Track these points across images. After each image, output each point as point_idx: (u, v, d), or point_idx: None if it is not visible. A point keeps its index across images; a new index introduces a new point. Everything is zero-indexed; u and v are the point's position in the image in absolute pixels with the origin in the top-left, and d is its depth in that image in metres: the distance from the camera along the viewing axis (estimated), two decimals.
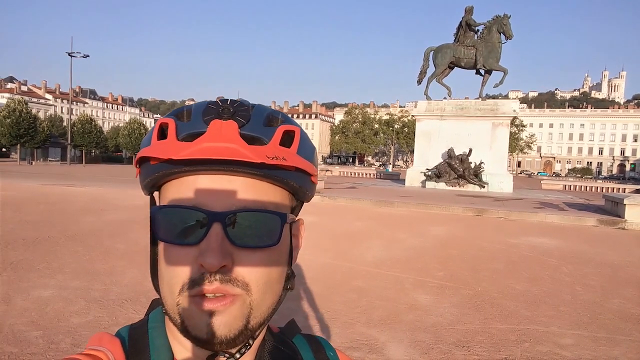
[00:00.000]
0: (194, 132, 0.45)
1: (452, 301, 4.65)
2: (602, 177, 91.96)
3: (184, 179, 0.46)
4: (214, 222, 0.44)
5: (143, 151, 0.47)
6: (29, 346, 3.15)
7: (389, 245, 7.56)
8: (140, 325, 0.54)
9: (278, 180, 0.47)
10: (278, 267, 0.49)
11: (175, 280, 0.45)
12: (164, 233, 0.46)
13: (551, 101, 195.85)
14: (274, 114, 0.50)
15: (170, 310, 0.47)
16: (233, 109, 0.47)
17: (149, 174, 0.47)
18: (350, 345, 3.44)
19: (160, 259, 0.48)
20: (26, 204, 10.96)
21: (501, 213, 12.48)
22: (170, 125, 0.46)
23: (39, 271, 5.01)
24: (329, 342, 0.64)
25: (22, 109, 41.74)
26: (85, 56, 45.75)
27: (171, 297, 0.46)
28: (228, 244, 0.44)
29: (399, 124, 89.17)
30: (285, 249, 0.50)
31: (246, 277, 0.45)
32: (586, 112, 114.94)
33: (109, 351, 0.49)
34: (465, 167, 21.68)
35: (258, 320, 0.47)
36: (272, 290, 0.48)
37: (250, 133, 0.46)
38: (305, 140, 0.50)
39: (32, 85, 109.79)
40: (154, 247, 0.50)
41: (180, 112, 0.49)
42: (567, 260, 6.89)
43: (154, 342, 0.51)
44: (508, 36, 22.90)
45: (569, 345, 3.61)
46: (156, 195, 0.51)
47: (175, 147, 0.44)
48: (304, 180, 0.49)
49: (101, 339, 0.51)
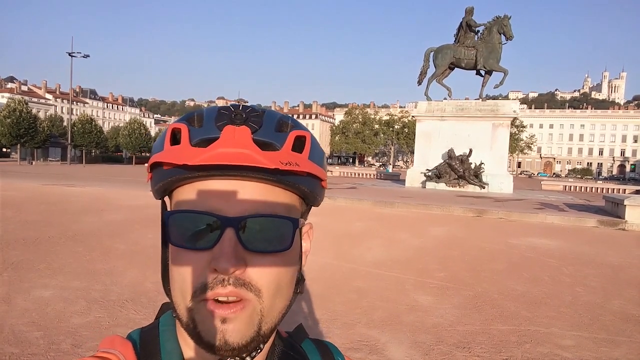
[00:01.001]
0: (207, 138, 0.45)
1: (453, 302, 4.65)
2: (602, 178, 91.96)
3: (196, 183, 0.46)
4: (227, 227, 0.44)
5: (156, 156, 0.47)
6: (30, 347, 3.14)
7: (389, 246, 7.56)
8: (151, 328, 0.54)
9: (290, 185, 0.47)
10: (289, 272, 0.49)
11: (187, 284, 0.45)
12: (176, 237, 0.46)
13: (551, 102, 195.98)
14: (284, 119, 0.50)
15: (182, 315, 0.47)
16: (245, 115, 0.47)
17: (162, 178, 0.47)
18: (350, 346, 3.44)
19: (172, 263, 0.48)
20: (27, 204, 10.96)
21: (501, 214, 12.47)
22: (183, 131, 0.47)
23: (40, 271, 5.01)
24: (337, 347, 0.64)
25: (22, 109, 41.75)
26: (86, 56, 45.81)
27: (183, 302, 0.46)
28: (241, 249, 0.44)
29: (399, 124, 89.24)
30: (297, 253, 0.51)
31: (259, 282, 0.45)
32: (586, 112, 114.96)
33: (121, 354, 0.49)
34: (465, 168, 21.67)
35: (270, 326, 0.47)
36: (283, 295, 0.49)
37: (263, 139, 0.46)
38: (315, 146, 0.50)
39: (32, 85, 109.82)
40: (165, 252, 0.50)
41: (192, 117, 0.49)
42: (568, 261, 6.88)
43: (165, 346, 0.51)
44: (508, 37, 22.89)
45: (570, 347, 3.60)
46: (166, 200, 0.51)
47: (190, 153, 0.44)
48: (314, 185, 0.50)
49: (113, 341, 0.51)
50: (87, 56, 45.86)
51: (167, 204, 0.51)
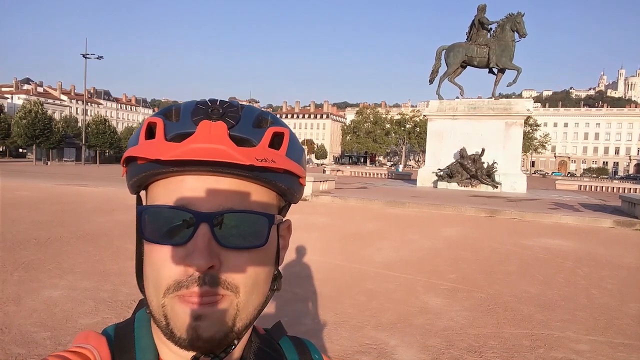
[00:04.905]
0: (182, 133, 0.45)
1: (464, 304, 4.56)
2: (618, 177, 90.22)
3: (171, 179, 0.46)
4: (201, 222, 0.44)
5: (130, 150, 0.46)
6: (37, 347, 3.15)
7: (399, 247, 7.48)
8: (126, 324, 0.54)
9: (266, 182, 0.47)
10: (265, 268, 0.49)
11: (160, 281, 0.45)
12: (150, 233, 0.45)
13: (566, 100, 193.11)
14: (263, 115, 0.49)
15: (155, 311, 0.46)
16: (222, 110, 0.47)
17: (136, 173, 0.47)
18: (359, 349, 3.38)
19: (145, 259, 0.48)
20: (40, 204, 11.09)
21: (515, 214, 12.29)
22: (158, 125, 0.46)
23: (49, 271, 5.04)
24: (314, 344, 0.64)
25: (37, 110, 42.37)
26: (100, 58, 46.28)
27: (156, 298, 0.45)
28: (215, 245, 0.44)
29: (411, 123, 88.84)
30: (273, 250, 0.51)
31: (234, 279, 0.45)
32: (602, 111, 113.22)
33: (95, 349, 0.49)
34: (477, 167, 21.45)
35: (244, 322, 0.47)
36: (259, 292, 0.48)
37: (240, 134, 0.46)
38: (294, 142, 0.50)
39: (48, 87, 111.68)
40: (140, 247, 0.49)
41: (169, 111, 0.48)
42: (583, 263, 6.74)
43: (140, 342, 0.51)
44: (522, 34, 22.60)
45: (585, 351, 3.50)
46: (142, 195, 0.50)
47: (164, 148, 0.44)
48: (292, 182, 0.50)
49: (87, 336, 0.51)
50: (101, 58, 46.32)
51: (142, 199, 0.50)
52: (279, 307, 4.14)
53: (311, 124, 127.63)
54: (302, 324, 3.86)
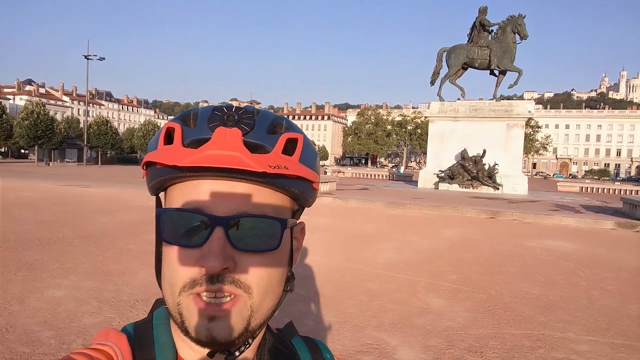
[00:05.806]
0: (199, 139, 0.47)
1: (465, 305, 4.58)
2: (620, 179, 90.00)
3: (188, 182, 0.48)
4: (216, 225, 0.45)
5: (149, 155, 0.48)
6: (41, 346, 3.17)
7: (401, 248, 7.50)
8: (144, 322, 0.56)
9: (279, 187, 0.48)
10: (278, 270, 0.50)
11: (176, 280, 0.46)
12: (167, 234, 0.47)
13: (567, 102, 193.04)
14: (278, 121, 0.51)
15: (171, 309, 0.48)
16: (238, 116, 0.48)
17: (155, 177, 0.49)
18: (360, 349, 3.40)
19: (164, 259, 0.49)
20: (42, 204, 11.13)
21: (516, 215, 12.30)
22: (176, 130, 0.48)
23: (53, 271, 5.07)
24: (326, 345, 0.65)
25: (39, 111, 42.42)
26: (101, 59, 46.37)
27: (172, 296, 0.47)
28: (230, 248, 0.45)
29: (412, 125, 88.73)
30: (286, 252, 0.52)
31: (247, 280, 0.46)
32: (603, 112, 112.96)
33: (116, 346, 0.50)
34: (479, 169, 21.45)
35: (258, 322, 0.49)
36: (273, 293, 0.50)
37: (254, 140, 0.47)
38: (307, 148, 0.51)
39: (50, 88, 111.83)
40: (159, 247, 0.51)
41: (187, 116, 0.50)
42: (584, 264, 6.75)
43: (159, 339, 0.53)
44: (523, 36, 22.60)
45: (586, 352, 3.52)
46: (162, 196, 0.52)
47: (180, 154, 0.45)
48: (305, 187, 0.51)
49: (108, 334, 0.52)
50: (103, 59, 46.41)
51: (162, 201, 0.52)
52: (281, 308, 4.06)
53: (312, 126, 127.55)
54: (304, 324, 3.88)
